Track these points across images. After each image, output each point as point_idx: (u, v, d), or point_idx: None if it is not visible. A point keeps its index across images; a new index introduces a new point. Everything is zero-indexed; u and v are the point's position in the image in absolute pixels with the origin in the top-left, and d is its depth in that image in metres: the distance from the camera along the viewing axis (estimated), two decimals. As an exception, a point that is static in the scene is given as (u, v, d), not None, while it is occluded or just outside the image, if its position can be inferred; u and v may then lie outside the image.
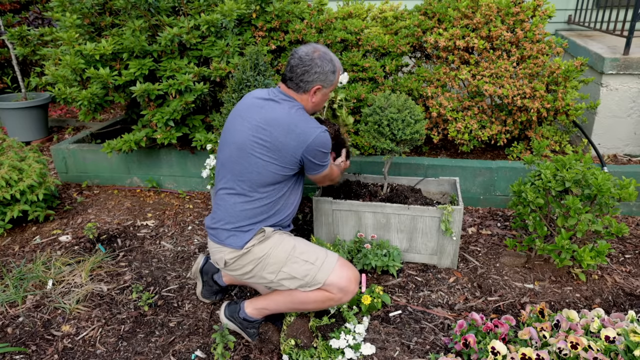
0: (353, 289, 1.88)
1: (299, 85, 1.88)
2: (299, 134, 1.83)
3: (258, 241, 1.87)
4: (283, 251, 1.86)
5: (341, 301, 1.88)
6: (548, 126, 3.38)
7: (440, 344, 2.03)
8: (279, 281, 1.86)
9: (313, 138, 1.83)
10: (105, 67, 2.99)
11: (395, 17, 3.47)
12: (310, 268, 1.83)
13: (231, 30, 3.13)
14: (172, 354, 2.02)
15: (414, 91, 3.23)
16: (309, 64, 1.85)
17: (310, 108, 1.96)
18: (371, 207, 2.47)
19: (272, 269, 1.86)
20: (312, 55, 1.86)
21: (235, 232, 1.88)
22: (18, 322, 2.23)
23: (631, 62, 3.27)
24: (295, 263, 1.85)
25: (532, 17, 3.12)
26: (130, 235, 2.95)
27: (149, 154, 3.46)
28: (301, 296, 1.86)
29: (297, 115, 1.87)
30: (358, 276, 1.92)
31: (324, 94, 1.95)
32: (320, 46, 1.91)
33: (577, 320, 1.89)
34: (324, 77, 1.88)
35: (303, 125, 1.84)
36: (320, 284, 1.82)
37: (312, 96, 1.91)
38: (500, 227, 2.94)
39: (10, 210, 2.87)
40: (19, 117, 4.31)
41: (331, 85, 1.94)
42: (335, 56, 1.94)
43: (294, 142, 1.83)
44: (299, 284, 1.84)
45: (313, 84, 1.88)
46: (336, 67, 1.92)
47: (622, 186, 2.18)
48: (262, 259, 1.86)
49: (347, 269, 1.88)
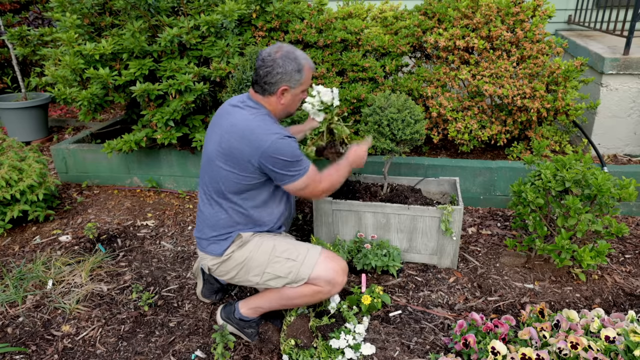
0: (340, 280, 1.86)
1: (264, 88, 1.81)
2: (253, 140, 1.75)
3: (237, 247, 1.90)
4: (263, 253, 1.88)
5: (330, 293, 1.87)
6: (548, 126, 3.38)
7: (440, 344, 2.03)
8: (265, 282, 1.89)
9: (268, 144, 1.73)
10: (105, 67, 2.99)
11: (395, 17, 3.47)
12: (292, 265, 1.85)
13: (231, 31, 3.13)
14: (172, 354, 2.02)
15: (414, 91, 3.23)
16: (271, 65, 1.76)
17: (280, 111, 1.88)
18: (371, 207, 2.47)
19: (256, 271, 1.88)
20: (274, 56, 1.77)
21: (215, 241, 1.92)
22: (18, 322, 2.23)
23: (631, 62, 3.27)
24: (277, 262, 1.86)
25: (532, 17, 3.12)
26: (130, 235, 2.95)
27: (149, 154, 3.46)
28: (290, 292, 1.88)
29: (256, 120, 1.79)
30: (344, 267, 1.90)
31: (294, 95, 1.86)
32: (286, 45, 1.82)
33: (577, 320, 1.89)
34: (289, 77, 1.79)
35: (259, 131, 1.75)
36: (305, 279, 1.83)
37: (280, 97, 1.83)
38: (500, 227, 2.94)
39: (10, 210, 2.87)
40: (19, 117, 4.31)
41: (300, 85, 1.84)
42: (304, 54, 1.84)
43: (247, 149, 1.76)
44: (284, 282, 1.86)
45: (278, 85, 1.79)
46: (302, 66, 1.80)
47: (622, 186, 2.18)
48: (244, 263, 1.89)
49: (331, 261, 1.87)
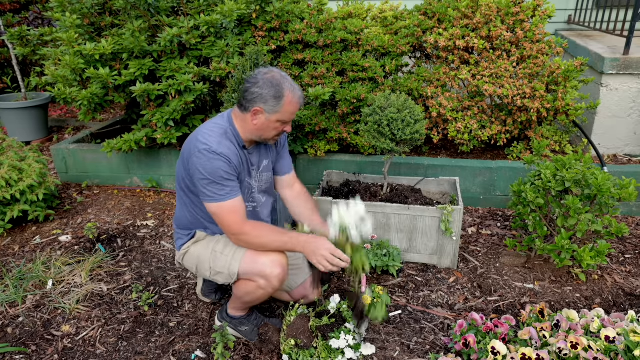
0: (273, 273, 1.80)
1: (241, 103, 1.80)
2: (194, 143, 1.78)
3: (192, 243, 2.01)
4: (209, 249, 1.96)
5: (270, 287, 1.84)
6: (548, 126, 3.38)
7: (440, 344, 2.03)
8: (213, 277, 1.96)
9: (198, 151, 1.74)
10: (105, 67, 2.99)
11: (395, 17, 3.47)
12: (225, 260, 1.90)
13: (231, 31, 3.13)
14: (172, 354, 2.02)
15: (414, 91, 3.23)
16: (253, 82, 1.75)
17: (252, 131, 1.82)
18: (371, 207, 2.47)
19: (206, 266, 1.95)
20: (262, 76, 1.75)
21: (180, 235, 2.04)
22: (18, 322, 2.23)
23: (631, 62, 3.27)
24: (217, 259, 1.92)
25: (532, 17, 3.12)
26: (130, 235, 2.95)
27: (149, 154, 3.46)
28: (235, 291, 1.97)
29: (207, 127, 1.82)
30: (277, 259, 1.82)
31: (268, 120, 1.78)
32: (278, 71, 1.78)
33: (577, 320, 1.89)
34: (264, 100, 1.74)
35: (201, 137, 1.77)
36: (236, 273, 1.87)
37: (253, 117, 1.78)
38: (500, 227, 2.94)
39: (10, 210, 2.87)
40: (19, 117, 4.31)
41: (276, 113, 1.77)
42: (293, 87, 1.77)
43: (187, 151, 1.82)
44: (224, 277, 1.92)
45: (253, 104, 1.75)
46: (282, 94, 1.74)
47: (622, 186, 2.18)
48: (197, 258, 1.98)
49: (260, 255, 1.83)
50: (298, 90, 1.80)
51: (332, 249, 1.77)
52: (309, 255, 1.79)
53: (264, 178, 2.02)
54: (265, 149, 2.00)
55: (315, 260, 1.77)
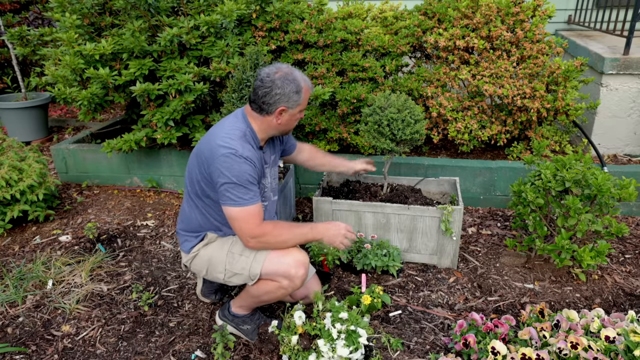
0: (295, 273, 1.82)
1: (261, 107, 1.81)
2: (214, 146, 1.75)
3: (203, 246, 1.98)
4: (223, 251, 1.93)
5: (291, 287, 1.86)
6: (548, 126, 3.38)
7: (440, 344, 2.03)
8: (229, 279, 1.93)
9: (222, 155, 1.72)
10: (105, 67, 2.99)
11: (395, 17, 3.47)
12: (245, 261, 1.87)
13: (231, 31, 3.13)
14: (172, 354, 2.02)
15: (414, 91, 3.23)
16: (270, 86, 1.76)
17: (274, 128, 1.87)
18: (371, 207, 2.47)
19: (219, 268, 1.93)
20: (273, 77, 1.77)
21: (187, 238, 2.00)
22: (18, 322, 2.23)
23: (631, 62, 3.27)
24: (233, 259, 1.90)
25: (532, 17, 3.12)
26: (130, 235, 2.95)
27: (149, 154, 3.46)
28: (253, 290, 1.92)
29: (225, 130, 1.80)
30: (300, 259, 1.84)
31: (292, 115, 1.84)
32: (285, 66, 1.82)
33: (577, 320, 1.89)
34: (287, 98, 1.78)
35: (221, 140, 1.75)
36: (257, 275, 1.85)
37: (278, 117, 1.82)
38: (500, 227, 2.94)
39: (10, 210, 2.87)
40: (19, 117, 4.31)
41: (298, 106, 1.83)
42: (302, 75, 1.84)
43: (206, 154, 1.78)
44: (242, 278, 1.89)
45: (276, 106, 1.79)
46: (301, 87, 1.80)
47: (622, 186, 2.18)
48: (209, 261, 1.95)
49: (284, 255, 1.84)
50: (305, 76, 1.86)
51: (348, 226, 1.92)
52: (331, 240, 1.88)
53: (274, 173, 2.06)
54: (273, 144, 2.04)
55: (338, 242, 1.87)
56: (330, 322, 1.86)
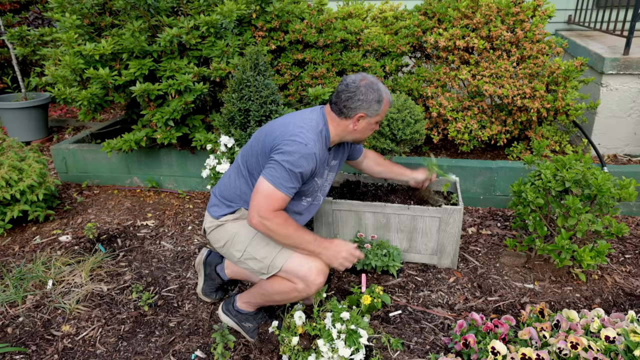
0: (314, 280, 1.82)
1: (341, 110, 1.86)
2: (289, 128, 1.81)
3: (233, 218, 1.97)
4: (251, 232, 1.92)
5: (306, 293, 1.85)
6: (548, 126, 3.38)
7: (440, 344, 2.03)
8: (244, 260, 1.92)
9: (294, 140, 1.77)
10: (105, 67, 2.99)
11: (395, 17, 3.47)
12: (270, 251, 1.87)
13: (231, 31, 3.13)
14: (172, 354, 2.02)
15: (414, 91, 3.23)
16: (354, 91, 1.83)
17: (349, 133, 1.92)
18: (371, 207, 2.47)
19: (239, 247, 1.93)
20: (359, 83, 1.84)
21: (219, 203, 1.99)
22: (18, 322, 2.23)
23: (631, 62, 3.27)
24: (258, 244, 1.90)
25: (532, 17, 3.12)
26: (130, 235, 2.95)
27: (149, 154, 3.46)
28: (266, 286, 1.92)
29: (304, 118, 1.86)
30: (323, 268, 1.84)
31: (369, 123, 1.91)
32: (370, 76, 1.90)
33: (577, 320, 1.89)
34: (368, 105, 1.85)
35: (297, 128, 1.80)
36: (278, 268, 1.84)
37: (355, 123, 1.88)
38: (500, 227, 2.94)
39: (10, 210, 2.87)
40: (19, 117, 4.31)
41: (377, 116, 1.90)
42: (385, 87, 1.91)
43: (277, 131, 1.83)
44: (260, 265, 1.88)
45: (356, 111, 1.85)
46: (382, 98, 1.87)
47: (622, 186, 2.18)
48: (233, 236, 1.94)
49: (308, 258, 1.85)
50: (388, 90, 1.93)
51: (350, 249, 1.87)
52: (329, 259, 1.86)
53: (330, 177, 2.09)
54: (342, 150, 2.09)
55: (336, 264, 1.86)
56: (331, 322, 1.86)
